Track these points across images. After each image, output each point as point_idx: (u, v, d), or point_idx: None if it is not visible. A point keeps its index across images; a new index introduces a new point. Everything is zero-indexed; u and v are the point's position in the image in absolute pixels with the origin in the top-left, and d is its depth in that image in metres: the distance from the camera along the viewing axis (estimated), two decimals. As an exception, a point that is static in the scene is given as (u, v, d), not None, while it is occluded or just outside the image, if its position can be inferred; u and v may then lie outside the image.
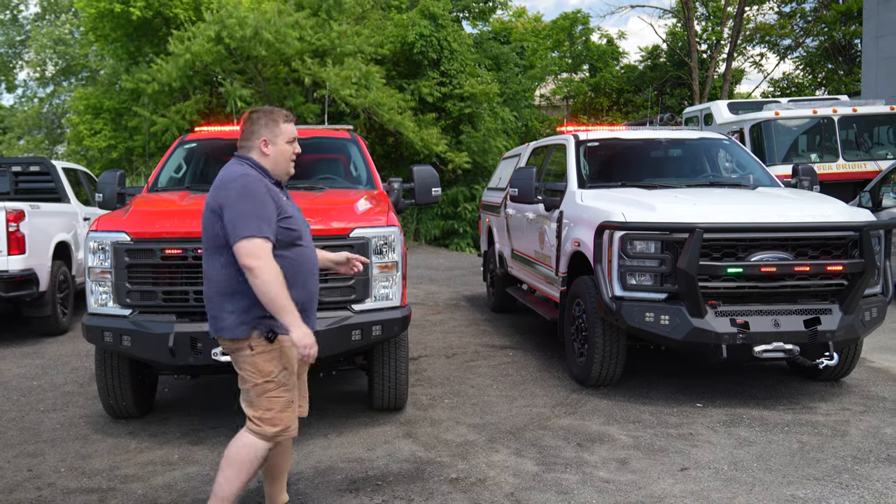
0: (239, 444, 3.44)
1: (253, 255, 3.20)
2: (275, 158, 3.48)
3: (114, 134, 20.13)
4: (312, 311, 3.54)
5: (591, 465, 4.52)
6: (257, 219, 3.24)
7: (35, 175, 9.84)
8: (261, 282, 3.20)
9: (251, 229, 3.21)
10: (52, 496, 4.20)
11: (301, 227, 3.49)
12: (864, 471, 4.38)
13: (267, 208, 3.29)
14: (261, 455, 3.43)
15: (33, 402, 6.07)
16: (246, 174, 3.35)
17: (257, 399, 3.39)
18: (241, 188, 3.29)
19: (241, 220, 3.23)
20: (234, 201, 3.27)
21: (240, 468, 3.42)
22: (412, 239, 19.19)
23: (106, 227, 4.92)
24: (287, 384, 3.41)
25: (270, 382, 3.36)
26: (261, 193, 3.30)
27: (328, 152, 7.24)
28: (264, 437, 3.40)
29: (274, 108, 3.59)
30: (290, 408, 3.43)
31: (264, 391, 3.37)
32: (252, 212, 3.24)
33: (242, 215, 3.23)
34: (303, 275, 3.45)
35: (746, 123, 13.23)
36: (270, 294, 3.20)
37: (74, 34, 27.91)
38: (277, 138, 3.48)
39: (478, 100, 19.29)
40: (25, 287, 8.04)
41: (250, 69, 17.66)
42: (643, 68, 35.14)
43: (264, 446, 3.43)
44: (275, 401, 3.38)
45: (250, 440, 3.42)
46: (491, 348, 7.76)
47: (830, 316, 5.42)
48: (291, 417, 3.45)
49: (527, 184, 7.05)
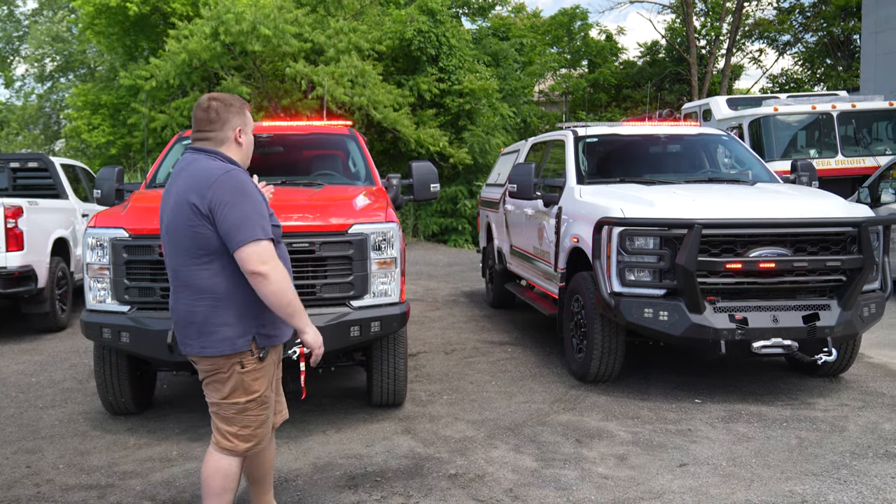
0: (212, 470, 3.22)
1: (262, 260, 2.94)
2: (247, 149, 3.25)
3: (112, 129, 20.12)
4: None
5: (590, 461, 4.52)
6: (259, 219, 2.98)
7: (33, 171, 9.82)
8: (274, 288, 2.96)
9: (256, 232, 2.95)
10: (50, 492, 4.19)
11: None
12: (862, 466, 4.38)
13: (263, 207, 3.06)
14: (236, 473, 3.25)
15: (32, 398, 6.07)
16: (232, 169, 3.06)
17: (235, 416, 3.17)
18: (235, 187, 3.00)
19: (244, 223, 2.94)
20: (231, 201, 2.96)
21: (214, 493, 3.22)
22: (411, 235, 19.19)
23: (104, 224, 4.91)
24: (268, 402, 3.23)
25: (253, 402, 3.16)
26: (255, 191, 3.06)
27: (326, 148, 7.24)
28: (235, 453, 3.21)
29: (233, 95, 3.28)
30: (266, 423, 3.25)
31: (245, 409, 3.16)
32: (253, 212, 2.97)
33: (244, 217, 2.95)
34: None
35: (745, 119, 13.24)
36: (285, 299, 2.99)
37: (72, 30, 27.86)
38: (248, 126, 3.23)
39: (477, 96, 19.26)
40: (24, 283, 8.04)
41: (248, 65, 17.64)
42: (642, 64, 35.09)
43: (237, 464, 3.25)
44: (253, 419, 3.19)
45: (223, 465, 3.21)
46: (490, 344, 7.76)
47: (829, 312, 5.43)
48: (265, 431, 3.27)
49: (525, 180, 7.04)
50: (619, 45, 35.93)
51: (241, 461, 3.27)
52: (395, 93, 18.02)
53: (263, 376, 3.17)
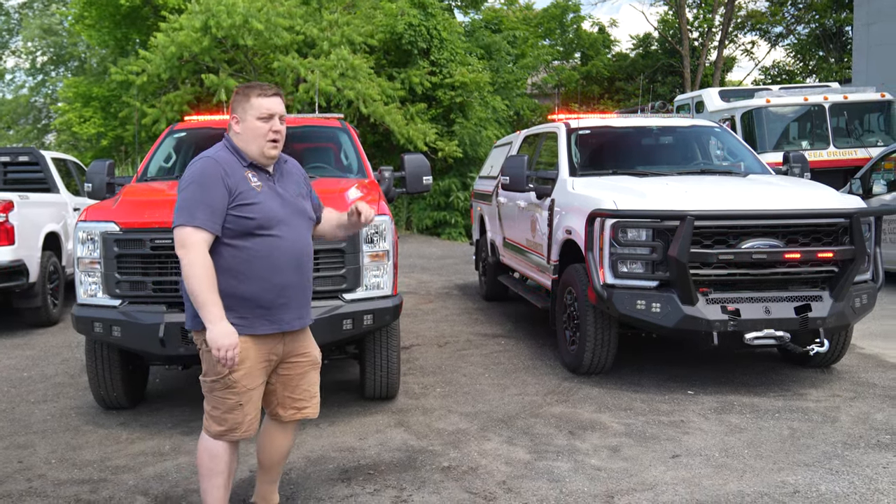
0: (200, 449, 3.35)
1: (180, 244, 3.08)
2: (244, 137, 3.25)
3: (103, 122, 20.02)
4: (288, 308, 3.29)
5: (583, 453, 4.53)
6: (194, 207, 3.09)
7: (24, 165, 9.77)
8: (184, 273, 3.08)
9: (183, 217, 3.09)
10: (42, 487, 4.18)
11: (271, 216, 3.20)
12: (854, 456, 4.40)
13: (212, 195, 3.11)
14: (218, 455, 3.29)
15: (23, 393, 6.05)
16: (203, 157, 3.23)
17: (207, 394, 3.28)
18: (190, 173, 3.19)
19: (179, 208, 3.12)
20: (181, 187, 3.17)
21: (203, 474, 3.34)
22: (404, 228, 19.17)
23: (95, 217, 4.89)
24: (235, 387, 3.21)
25: (217, 382, 3.21)
26: (209, 178, 3.13)
27: (318, 141, 7.22)
28: (209, 432, 3.30)
29: (254, 83, 3.35)
30: (238, 410, 3.24)
31: (212, 389, 3.24)
32: (191, 199, 3.11)
33: (183, 202, 3.12)
34: (265, 268, 3.19)
35: (738, 111, 13.26)
36: (191, 287, 3.07)
37: (64, 24, 27.71)
38: (247, 114, 3.24)
39: (469, 88, 19.22)
40: (15, 278, 8.00)
41: (240, 59, 17.56)
42: (635, 56, 35.09)
43: (218, 446, 3.29)
44: (220, 400, 3.23)
45: (205, 443, 3.32)
46: (483, 337, 7.76)
47: (821, 303, 5.44)
48: (238, 420, 3.25)
49: (518, 172, 7.03)
50: (611, 38, 35.93)
51: (226, 445, 3.30)
52: (384, 86, 17.94)
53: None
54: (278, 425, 3.55)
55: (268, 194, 3.24)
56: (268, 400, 3.47)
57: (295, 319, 3.34)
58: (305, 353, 3.46)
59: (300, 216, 3.37)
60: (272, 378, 3.41)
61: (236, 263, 3.15)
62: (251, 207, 3.16)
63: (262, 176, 3.29)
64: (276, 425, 3.55)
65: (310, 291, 3.45)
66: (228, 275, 3.15)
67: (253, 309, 3.19)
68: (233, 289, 3.16)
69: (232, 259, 3.15)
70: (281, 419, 3.51)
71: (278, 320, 3.25)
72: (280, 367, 3.40)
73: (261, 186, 3.24)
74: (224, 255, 3.15)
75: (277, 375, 3.42)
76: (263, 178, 3.29)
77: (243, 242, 3.16)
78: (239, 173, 3.20)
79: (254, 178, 3.24)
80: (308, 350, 3.48)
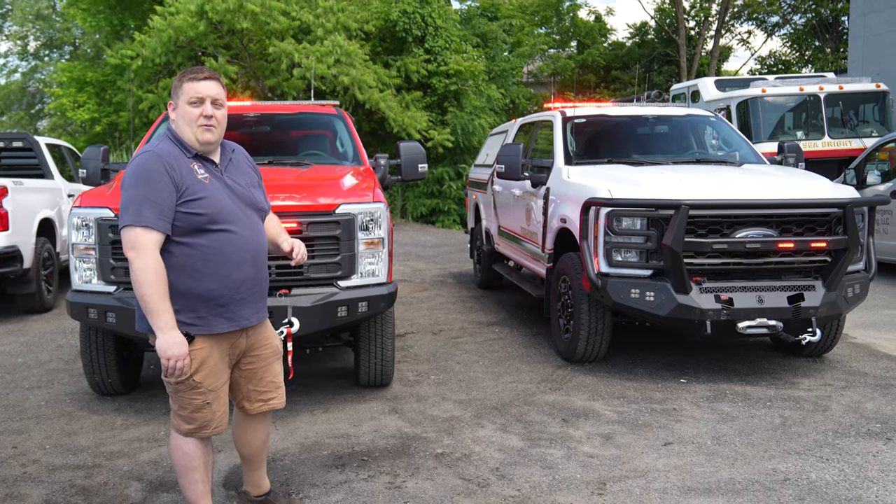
0: (172, 447, 3.26)
1: (130, 246, 2.93)
2: (178, 123, 3.10)
3: (98, 108, 19.92)
4: (246, 304, 3.18)
5: (576, 440, 4.56)
6: (140, 205, 2.92)
7: (18, 151, 9.73)
8: (134, 276, 2.92)
9: (130, 217, 2.92)
10: (37, 473, 4.19)
11: (221, 209, 3.06)
12: (844, 445, 4.43)
13: (157, 192, 2.94)
14: (190, 452, 3.21)
15: (18, 379, 6.05)
16: (144, 152, 3.04)
17: (173, 395, 3.16)
18: (132, 169, 3.01)
19: (126, 207, 2.95)
20: (124, 184, 3.00)
21: (180, 471, 3.26)
22: (399, 216, 19.14)
23: (90, 203, 4.88)
24: (200, 388, 3.10)
25: (181, 384, 3.08)
26: (153, 174, 2.96)
27: (314, 128, 7.21)
28: (179, 431, 3.20)
29: (190, 68, 3.17)
30: (206, 409, 3.14)
31: (177, 390, 3.11)
32: (137, 197, 2.94)
33: (127, 201, 2.95)
34: (221, 265, 3.06)
35: (733, 101, 13.27)
36: (141, 293, 2.92)
37: (56, 7, 27.51)
38: (179, 99, 3.09)
39: (464, 76, 19.15)
40: (9, 264, 7.98)
41: (236, 44, 17.47)
42: (631, 45, 35.00)
43: (189, 443, 3.20)
44: (187, 401, 3.12)
45: (176, 441, 3.23)
46: (477, 325, 7.78)
47: (814, 292, 5.46)
48: (207, 418, 3.15)
49: (514, 160, 7.03)
50: (607, 26, 35.82)
51: (197, 442, 3.22)
52: (380, 73, 17.88)
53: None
54: (248, 417, 3.46)
55: (216, 186, 3.10)
56: (234, 393, 3.38)
57: (253, 315, 3.24)
58: (267, 345, 3.37)
59: (252, 208, 3.22)
60: (234, 373, 3.32)
61: (191, 262, 3.02)
62: (200, 202, 3.01)
63: (209, 167, 3.14)
64: (246, 417, 3.47)
65: (266, 285, 3.32)
66: (184, 274, 3.02)
67: (211, 307, 3.07)
68: (189, 288, 3.03)
69: (186, 257, 3.02)
70: (248, 412, 3.42)
71: (237, 317, 3.15)
72: (242, 361, 3.31)
73: (208, 178, 3.09)
74: (176, 254, 3.01)
75: (240, 370, 3.32)
76: (210, 169, 3.14)
77: (195, 239, 3.03)
78: (184, 166, 3.04)
79: (200, 171, 3.08)
80: (269, 341, 3.39)
